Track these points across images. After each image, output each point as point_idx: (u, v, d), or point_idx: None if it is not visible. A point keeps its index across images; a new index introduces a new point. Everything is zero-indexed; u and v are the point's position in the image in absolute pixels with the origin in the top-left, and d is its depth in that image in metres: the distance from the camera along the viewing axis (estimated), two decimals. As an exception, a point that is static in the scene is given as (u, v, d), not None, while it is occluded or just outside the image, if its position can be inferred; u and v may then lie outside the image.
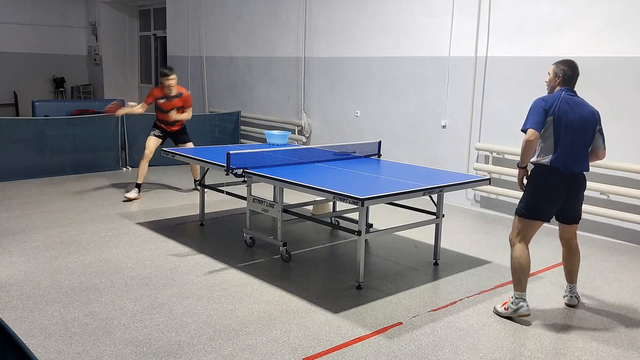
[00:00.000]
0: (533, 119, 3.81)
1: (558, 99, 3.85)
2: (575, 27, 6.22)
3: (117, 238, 5.59)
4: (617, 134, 5.95)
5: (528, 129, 3.79)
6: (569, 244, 4.21)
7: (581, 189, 4.04)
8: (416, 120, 7.82)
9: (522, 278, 3.95)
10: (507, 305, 3.99)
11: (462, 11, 7.17)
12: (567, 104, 3.85)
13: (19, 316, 3.80)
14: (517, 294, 3.96)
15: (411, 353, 3.49)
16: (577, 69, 3.96)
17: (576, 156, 3.88)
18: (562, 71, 3.94)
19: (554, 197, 3.92)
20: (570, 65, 3.95)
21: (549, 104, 3.84)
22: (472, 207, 7.36)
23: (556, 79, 3.96)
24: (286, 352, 3.44)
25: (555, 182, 3.88)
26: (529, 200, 3.96)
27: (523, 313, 3.93)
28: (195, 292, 4.32)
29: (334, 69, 8.89)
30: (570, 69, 3.94)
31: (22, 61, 14.21)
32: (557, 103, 3.83)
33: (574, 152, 3.86)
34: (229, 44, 10.88)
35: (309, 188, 4.45)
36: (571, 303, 4.27)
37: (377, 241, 5.74)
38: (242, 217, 6.09)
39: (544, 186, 3.91)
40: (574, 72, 3.95)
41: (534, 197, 3.95)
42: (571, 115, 3.83)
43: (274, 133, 6.62)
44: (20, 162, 8.15)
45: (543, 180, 3.91)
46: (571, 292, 4.28)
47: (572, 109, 3.85)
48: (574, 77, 3.95)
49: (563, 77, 3.93)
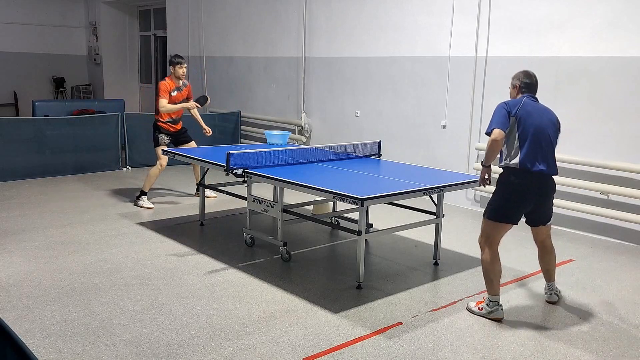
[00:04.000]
0: (497, 120, 3.85)
1: (520, 102, 3.93)
2: (575, 27, 6.21)
3: (117, 238, 5.59)
4: (616, 133, 5.95)
5: (493, 129, 3.82)
6: (544, 244, 4.25)
7: (551, 190, 4.04)
8: (416, 120, 7.82)
9: (494, 281, 3.98)
10: (482, 306, 4.02)
11: (462, 11, 7.17)
12: (530, 106, 3.91)
13: (19, 316, 3.80)
14: (491, 297, 3.99)
15: (411, 353, 3.49)
16: (534, 77, 4.07)
17: (544, 156, 3.88)
18: (519, 81, 4.05)
19: (523, 199, 3.92)
20: (527, 75, 4.06)
21: (511, 106, 3.91)
22: (472, 207, 7.36)
23: (514, 90, 4.08)
24: (286, 352, 3.44)
25: (525, 184, 3.88)
26: (499, 204, 3.96)
27: (496, 317, 3.96)
28: (195, 292, 4.32)
29: (333, 69, 8.89)
30: (527, 77, 4.04)
31: (22, 61, 14.21)
32: (519, 105, 3.90)
33: (541, 152, 3.87)
34: (229, 44, 10.88)
35: (309, 188, 4.45)
36: (551, 300, 4.31)
37: (377, 241, 5.74)
38: (242, 217, 6.09)
39: (514, 189, 3.90)
40: (532, 80, 4.05)
41: (504, 200, 3.95)
42: (535, 117, 3.89)
43: (274, 133, 6.62)
44: (20, 162, 8.14)
45: (512, 183, 3.90)
46: (550, 289, 4.33)
47: (536, 110, 3.92)
48: (531, 84, 4.04)
49: (520, 87, 4.04)
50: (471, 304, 4.13)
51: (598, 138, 6.12)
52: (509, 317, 4.04)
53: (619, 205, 5.99)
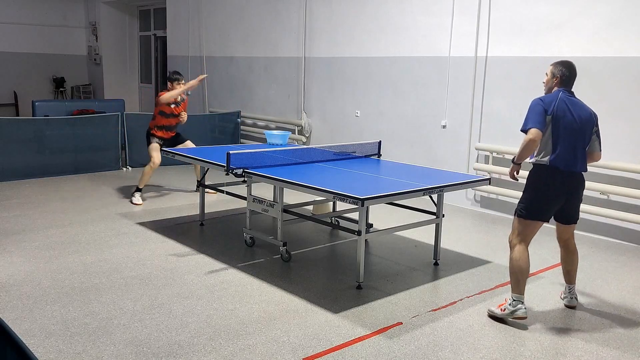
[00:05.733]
0: (534, 119, 3.78)
1: (556, 99, 3.84)
2: (575, 27, 6.21)
3: (117, 238, 5.59)
4: (617, 133, 5.95)
5: (530, 129, 3.75)
6: (567, 244, 4.18)
7: (581, 188, 4.02)
8: (416, 120, 7.82)
9: (520, 280, 3.91)
10: (505, 307, 3.94)
11: (462, 11, 7.17)
12: (565, 104, 3.84)
13: (19, 316, 3.80)
14: (515, 296, 3.92)
15: (411, 353, 3.49)
16: (574, 70, 3.95)
17: (575, 155, 3.86)
18: (560, 72, 3.92)
19: (554, 197, 3.91)
20: (568, 66, 3.94)
21: (547, 103, 3.83)
22: (472, 207, 7.36)
23: (554, 80, 3.95)
24: (286, 352, 3.44)
25: (556, 182, 3.86)
26: (529, 201, 3.93)
27: (520, 315, 3.88)
28: (195, 292, 4.32)
29: (334, 69, 8.89)
30: (568, 70, 3.93)
31: (22, 61, 14.21)
32: (555, 103, 3.82)
33: (573, 151, 3.85)
34: (229, 44, 10.88)
35: (309, 188, 4.45)
36: (571, 304, 4.24)
37: (377, 241, 5.74)
38: (242, 217, 6.09)
39: (544, 186, 3.89)
40: (572, 73, 3.94)
41: (534, 197, 3.92)
42: (569, 116, 3.83)
43: (274, 133, 6.63)
44: (20, 162, 8.14)
45: (543, 181, 3.89)
46: (570, 293, 4.25)
47: (570, 109, 3.85)
48: (571, 78, 3.94)
49: (561, 78, 3.92)
50: (493, 308, 4.02)
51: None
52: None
53: (619, 205, 5.99)
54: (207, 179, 6.16)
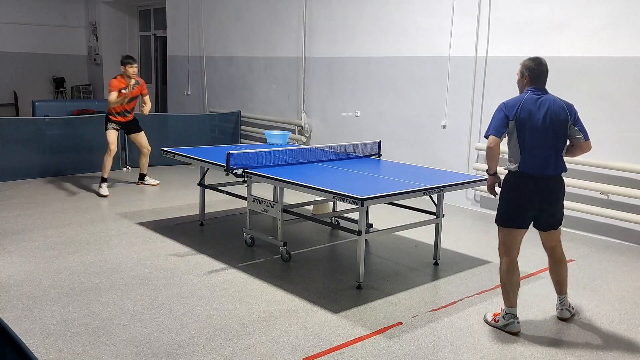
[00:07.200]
0: (493, 126, 3.76)
1: (520, 102, 3.73)
2: (575, 27, 6.22)
3: (117, 238, 5.59)
4: (617, 133, 5.95)
5: (489, 136, 3.75)
6: (553, 252, 4.01)
7: (559, 191, 3.84)
8: (416, 120, 7.82)
9: (510, 292, 3.82)
10: (498, 318, 3.87)
11: (462, 11, 7.17)
12: (532, 105, 3.71)
13: (19, 316, 3.80)
14: (507, 309, 3.82)
15: (411, 353, 3.49)
16: (543, 65, 3.80)
17: (547, 158, 3.72)
18: (527, 69, 3.80)
19: (527, 203, 3.76)
20: (537, 63, 3.79)
21: (510, 108, 3.74)
22: (472, 207, 7.36)
23: (523, 80, 3.84)
24: (286, 352, 3.44)
25: (527, 187, 3.74)
26: (503, 208, 3.84)
27: (512, 330, 3.79)
28: (195, 292, 4.32)
29: (334, 69, 8.89)
30: (537, 66, 3.78)
31: (22, 61, 14.21)
32: (519, 106, 3.71)
33: (544, 154, 3.72)
34: (229, 44, 10.88)
35: (309, 188, 4.45)
36: (563, 316, 4.04)
37: (377, 241, 5.74)
38: (242, 217, 6.09)
39: (516, 192, 3.78)
40: (540, 68, 3.78)
41: (507, 204, 3.82)
42: (536, 116, 3.69)
43: (274, 133, 6.63)
44: (20, 162, 8.14)
45: (515, 187, 3.79)
46: (562, 304, 4.05)
47: (538, 109, 3.71)
48: (540, 74, 3.79)
49: (529, 77, 3.80)
50: (488, 315, 3.96)
51: (598, 138, 6.08)
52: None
53: (619, 205, 5.99)
54: (207, 179, 6.15)
